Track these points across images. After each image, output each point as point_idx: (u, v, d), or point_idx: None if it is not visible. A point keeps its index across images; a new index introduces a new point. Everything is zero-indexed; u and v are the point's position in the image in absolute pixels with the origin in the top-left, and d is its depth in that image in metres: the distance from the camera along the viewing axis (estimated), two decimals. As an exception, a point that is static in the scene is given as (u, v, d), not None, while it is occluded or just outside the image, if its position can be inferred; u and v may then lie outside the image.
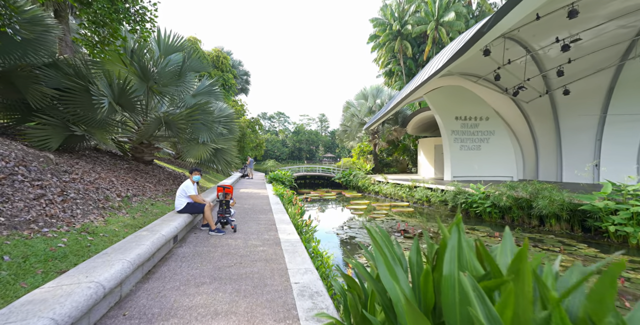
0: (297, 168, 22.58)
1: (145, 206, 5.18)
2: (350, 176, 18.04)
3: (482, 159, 14.41)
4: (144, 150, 8.52)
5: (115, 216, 4.09)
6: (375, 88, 21.68)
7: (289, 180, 16.41)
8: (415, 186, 12.47)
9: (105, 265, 2.20)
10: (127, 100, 6.94)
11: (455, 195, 9.45)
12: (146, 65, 7.20)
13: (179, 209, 4.63)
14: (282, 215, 6.46)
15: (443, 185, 10.72)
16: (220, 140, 9.20)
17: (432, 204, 11.00)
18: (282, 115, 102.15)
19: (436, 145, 17.76)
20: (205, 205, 4.67)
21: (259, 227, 5.29)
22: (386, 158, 23.75)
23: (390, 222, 8.72)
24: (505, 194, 7.67)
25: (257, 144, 31.03)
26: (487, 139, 14.50)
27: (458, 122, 14.49)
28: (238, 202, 8.53)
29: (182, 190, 4.68)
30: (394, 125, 20.78)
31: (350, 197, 15.26)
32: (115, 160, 7.98)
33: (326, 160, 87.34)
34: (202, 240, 4.29)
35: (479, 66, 12.03)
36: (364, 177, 16.88)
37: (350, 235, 7.30)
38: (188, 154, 8.86)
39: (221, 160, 9.25)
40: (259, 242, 4.27)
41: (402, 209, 10.94)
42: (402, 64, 27.56)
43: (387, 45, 26.75)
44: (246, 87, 32.54)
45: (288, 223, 5.60)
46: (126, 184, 5.83)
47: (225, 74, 19.32)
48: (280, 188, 11.45)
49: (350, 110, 21.31)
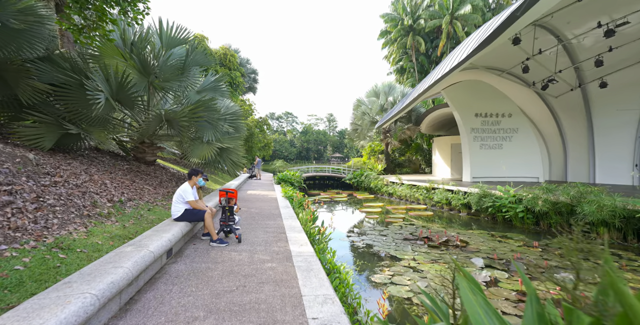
0: (306, 168, 21.98)
1: (140, 212, 4.63)
2: (362, 177, 17.30)
3: (504, 158, 13.45)
4: (146, 150, 8.05)
5: (102, 225, 3.53)
6: (387, 85, 20.87)
7: (298, 181, 15.81)
8: (433, 188, 11.65)
9: (56, 305, 1.60)
10: (126, 96, 6.46)
11: (481, 198, 8.62)
12: (146, 58, 6.69)
13: (176, 216, 4.06)
14: (293, 221, 5.84)
15: (465, 187, 9.88)
16: (226, 139, 8.65)
17: (453, 207, 10.17)
18: (290, 115, 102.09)
19: (453, 144, 16.83)
20: (205, 213, 4.08)
21: (266, 236, 4.67)
22: (398, 158, 22.88)
23: (409, 228, 7.98)
24: (541, 197, 6.82)
25: (265, 144, 30.64)
26: (510, 137, 13.52)
27: (478, 120, 13.57)
28: (244, 205, 7.96)
29: (179, 195, 4.10)
30: (407, 124, 19.93)
31: (363, 199, 14.54)
32: (116, 161, 7.53)
33: (334, 161, 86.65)
34: (202, 253, 3.69)
35: (503, 58, 11.14)
36: (377, 178, 16.13)
37: (367, 242, 6.61)
38: (192, 153, 8.35)
39: (227, 160, 8.70)
40: (267, 256, 3.64)
41: (419, 213, 10.17)
42: (414, 61, 26.62)
43: (398, 42, 25.86)
44: (254, 85, 32.11)
45: (299, 231, 4.97)
46: (122, 186, 5.31)
47: (233, 72, 18.90)
48: (290, 190, 10.85)
49: (361, 109, 20.56)
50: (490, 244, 6.19)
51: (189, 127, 7.44)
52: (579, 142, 12.37)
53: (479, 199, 8.63)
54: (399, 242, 6.49)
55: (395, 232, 7.51)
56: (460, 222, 8.97)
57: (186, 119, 6.87)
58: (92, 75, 5.86)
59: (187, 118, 6.82)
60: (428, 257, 5.40)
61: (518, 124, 13.41)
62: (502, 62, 11.59)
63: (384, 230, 7.73)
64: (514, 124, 13.45)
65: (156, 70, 7.13)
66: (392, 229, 7.79)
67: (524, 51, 9.44)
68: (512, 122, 13.46)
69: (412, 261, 5.23)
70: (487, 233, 7.15)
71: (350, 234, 7.47)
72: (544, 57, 10.35)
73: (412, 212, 10.30)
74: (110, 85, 6.18)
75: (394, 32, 25.39)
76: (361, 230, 7.87)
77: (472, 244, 6.16)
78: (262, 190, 11.73)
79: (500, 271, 4.56)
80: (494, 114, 13.57)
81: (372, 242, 6.61)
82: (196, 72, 8.59)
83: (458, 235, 6.55)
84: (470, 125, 13.47)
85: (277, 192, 11.04)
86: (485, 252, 5.65)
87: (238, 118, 9.05)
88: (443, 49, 24.15)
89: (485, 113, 13.57)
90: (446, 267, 4.76)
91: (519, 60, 10.76)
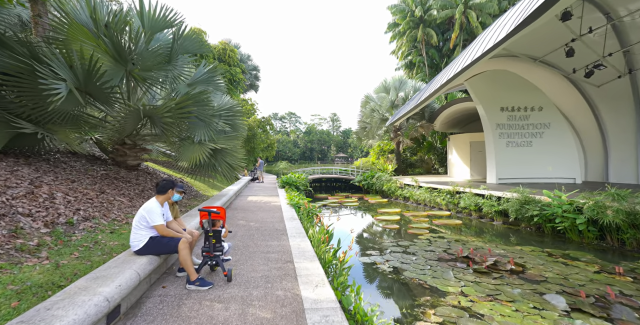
0: (312, 170, 20.72)
1: (97, 237, 3.42)
2: (373, 179, 15.99)
3: (535, 157, 12.03)
4: (127, 153, 6.88)
5: (15, 268, 2.32)
6: (398, 80, 19.51)
7: (304, 185, 14.57)
8: (457, 192, 10.30)
9: None
10: (96, 87, 5.27)
11: (522, 206, 7.27)
12: (120, 41, 5.49)
13: (137, 247, 2.82)
14: (302, 240, 4.59)
15: (498, 191, 8.52)
16: (222, 139, 7.44)
17: (485, 214, 8.82)
18: (293, 115, 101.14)
19: (472, 142, 15.43)
20: (179, 242, 2.85)
21: (268, 267, 3.43)
22: (410, 158, 21.50)
23: (440, 242, 6.67)
24: (611, 206, 5.46)
25: (268, 145, 29.45)
26: (541, 133, 12.09)
27: (504, 114, 12.18)
28: (242, 216, 6.74)
29: (141, 218, 2.86)
30: (419, 121, 18.56)
31: (375, 204, 13.23)
32: (91, 166, 6.36)
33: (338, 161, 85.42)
34: (169, 307, 2.46)
35: (538, 43, 9.76)
36: (389, 180, 14.80)
37: (393, 264, 5.32)
38: (181, 156, 7.16)
39: (222, 163, 7.49)
40: (267, 312, 2.39)
41: (445, 221, 8.84)
42: (424, 55, 25.20)
43: (407, 34, 24.47)
44: (255, 83, 30.84)
45: (312, 258, 3.71)
46: (80, 200, 4.11)
47: (233, 69, 17.74)
48: (295, 195, 9.62)
49: (370, 105, 19.24)
50: (554, 268, 4.85)
51: (174, 125, 6.25)
52: (624, 138, 10.90)
53: (520, 206, 7.28)
54: (434, 264, 5.19)
55: (425, 248, 6.21)
56: (494, 232, 7.63)
57: (170, 115, 5.67)
58: (50, 61, 4.69)
59: (171, 114, 5.61)
60: (480, 290, 4.10)
61: (550, 118, 11.97)
62: (537, 48, 10.21)
63: (409, 245, 6.44)
64: (545, 118, 12.02)
65: (134, 56, 5.94)
66: (420, 244, 6.49)
67: (570, 30, 8.05)
68: (543, 117, 12.03)
69: (461, 296, 3.93)
70: (540, 250, 5.81)
71: (370, 251, 6.19)
72: (589, 39, 8.95)
73: (437, 220, 8.97)
74: (76, 73, 5.00)
75: (403, 24, 23.99)
76: (382, 246, 6.59)
77: (531, 268, 4.83)
78: (265, 196, 10.52)
79: (598, 320, 3.23)
80: (522, 108, 12.15)
81: (399, 263, 5.32)
82: (185, 61, 7.40)
83: (512, 258, 5.21)
84: (496, 121, 12.08)
85: (281, 198, 9.81)
86: (554, 281, 4.32)
87: (235, 114, 7.83)
88: (456, 41, 22.69)
89: (512, 107, 12.16)
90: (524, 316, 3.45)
91: (556, 44, 9.37)
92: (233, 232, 5.22)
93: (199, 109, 6.82)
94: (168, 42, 6.91)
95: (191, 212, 5.54)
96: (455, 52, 23.47)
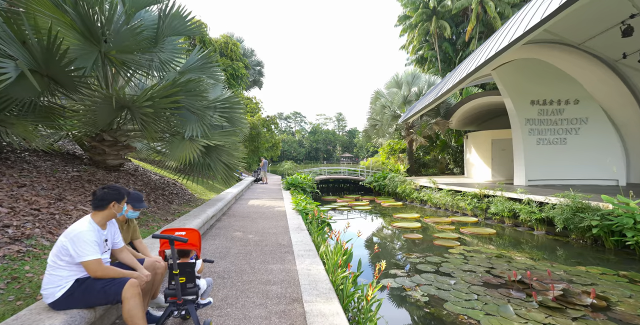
0: (319, 170, 19.62)
1: (22, 268, 2.38)
2: (385, 180, 14.82)
3: (569, 156, 10.72)
4: (106, 151, 5.88)
5: None
6: (411, 74, 18.29)
7: (310, 186, 13.49)
8: (485, 195, 9.09)
9: None
10: (60, 70, 4.27)
11: (575, 214, 6.05)
12: (89, 13, 4.48)
13: (52, 298, 1.75)
14: (312, 262, 3.51)
15: (540, 196, 7.30)
16: (216, 135, 6.41)
17: (522, 222, 7.61)
18: (298, 115, 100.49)
19: (494, 139, 14.14)
20: (126, 284, 1.79)
21: (266, 312, 2.35)
22: (423, 157, 20.24)
23: (477, 258, 5.51)
24: None
25: (273, 144, 28.51)
26: (576, 129, 10.78)
27: (534, 108, 10.90)
28: (241, 225, 5.69)
29: (60, 248, 1.79)
30: (434, 118, 17.31)
31: (389, 208, 12.08)
32: (63, 166, 5.38)
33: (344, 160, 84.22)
34: None
35: (583, 24, 8.49)
36: (403, 181, 13.61)
37: (428, 291, 4.18)
38: (169, 154, 6.16)
39: (217, 163, 6.45)
40: None
41: (474, 230, 7.65)
42: (436, 49, 23.89)
43: (419, 27, 23.19)
44: (259, 79, 29.73)
45: (327, 294, 2.62)
46: (20, 211, 3.09)
47: (235, 63, 16.78)
48: (302, 199, 8.54)
49: (381, 101, 18.05)
50: (647, 300, 3.67)
51: (158, 117, 5.23)
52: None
53: (573, 214, 6.06)
54: (480, 292, 4.05)
55: (461, 266, 5.06)
56: (539, 245, 6.43)
57: (151, 105, 4.64)
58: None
59: (151, 103, 4.58)
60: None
61: (587, 112, 10.64)
62: (581, 30, 8.93)
63: (441, 262, 5.29)
64: (581, 112, 10.69)
65: (110, 35, 4.93)
66: (454, 261, 5.34)
67: (633, 3, 6.78)
68: (580, 111, 10.70)
69: (537, 350, 2.79)
70: (613, 273, 4.60)
71: (394, 270, 5.08)
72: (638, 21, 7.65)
73: (464, 228, 7.79)
74: (31, 51, 4.01)
75: (415, 17, 22.71)
76: (406, 262, 5.47)
77: (619, 303, 3.64)
78: (268, 199, 9.47)
79: None
80: (555, 101, 10.85)
81: (434, 289, 4.19)
82: (174, 44, 6.40)
83: (593, 288, 4.03)
84: (525, 115, 10.81)
85: (286, 201, 8.75)
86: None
87: (233, 106, 6.78)
88: (471, 34, 21.33)
89: (544, 100, 10.87)
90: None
91: (606, 24, 8.10)
92: (226, 249, 4.17)
93: (189, 99, 5.80)
94: (154, 22, 5.92)
95: (173, 225, 4.49)
96: (470, 46, 22.12)
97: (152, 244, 3.32)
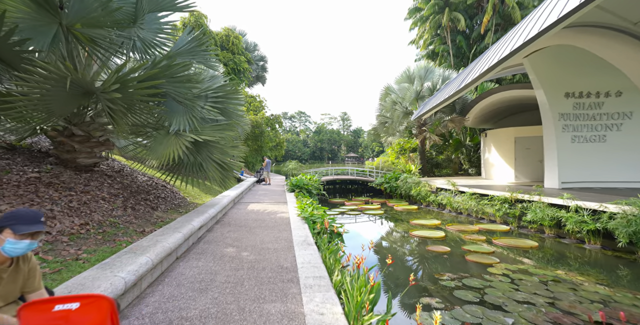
0: (325, 170, 18.58)
1: None
2: (397, 181, 13.71)
3: (610, 155, 9.50)
4: (76, 148, 4.93)
5: None
6: (423, 68, 17.12)
7: (317, 188, 12.46)
8: (518, 200, 7.94)
9: None
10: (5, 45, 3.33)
11: (647, 226, 4.89)
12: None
13: None
14: (325, 300, 2.46)
15: (594, 203, 6.13)
16: (207, 129, 5.42)
17: (568, 233, 6.46)
18: (302, 114, 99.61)
19: (517, 137, 12.93)
20: None
21: None
22: (436, 157, 19.05)
23: (529, 282, 4.40)
24: None
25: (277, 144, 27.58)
26: (618, 125, 9.54)
27: (569, 102, 9.70)
28: (236, 236, 4.63)
29: None
30: (449, 114, 16.14)
31: (403, 212, 10.99)
32: (22, 166, 4.46)
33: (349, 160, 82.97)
34: None
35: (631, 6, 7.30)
36: (418, 183, 12.49)
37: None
38: (150, 151, 5.18)
39: (208, 162, 5.46)
40: None
41: (509, 241, 6.53)
42: (448, 43, 22.65)
43: (431, 20, 21.98)
44: (263, 75, 28.69)
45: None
46: None
47: (237, 57, 15.83)
48: (308, 204, 7.51)
49: (391, 97, 16.93)
50: None
51: (130, 106, 4.25)
52: None
53: (644, 226, 4.91)
54: (554, 339, 2.95)
55: (513, 295, 3.96)
56: (594, 262, 5.30)
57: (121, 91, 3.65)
58: None
59: (119, 85, 3.59)
60: None
61: (632, 105, 9.39)
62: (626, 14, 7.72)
63: (484, 288, 4.20)
64: (625, 106, 9.45)
65: (74, 4, 3.96)
66: (500, 286, 4.24)
67: None
68: (623, 104, 9.47)
69: None
70: None
71: (426, 298, 4.00)
72: None
73: (497, 239, 6.67)
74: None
75: (427, 9, 21.50)
76: (439, 287, 4.39)
77: None
78: (270, 202, 8.46)
79: None
80: (594, 93, 9.63)
81: (488, 332, 3.10)
82: (157, 21, 5.44)
83: None
84: (559, 110, 9.62)
85: (290, 206, 7.73)
86: None
87: (228, 96, 5.78)
88: (487, 26, 20.05)
89: (580, 92, 9.66)
90: None
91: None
92: (210, 275, 3.16)
93: (174, 86, 4.82)
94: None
95: (137, 246, 3.48)
96: (485, 39, 20.83)
97: (93, 282, 2.32)
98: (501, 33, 21.19)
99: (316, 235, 5.21)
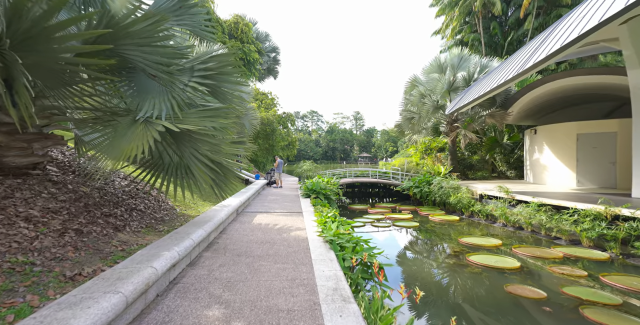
0: (342, 172, 16.76)
1: None
2: (429, 186, 11.73)
3: None
4: (2, 142, 3.40)
5: None
6: (457, 56, 15.02)
7: (336, 193, 10.70)
8: (619, 216, 5.86)
9: None
10: None
11: None
12: None
13: None
14: None
15: None
16: (192, 115, 3.75)
17: None
18: (315, 113, 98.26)
19: (580, 134, 10.68)
20: None
21: None
22: (469, 157, 16.87)
23: None
24: None
25: (289, 143, 25.99)
26: None
27: (669, 86, 7.46)
28: (230, 277, 2.69)
29: None
30: (487, 108, 13.99)
31: (442, 223, 9.04)
32: None
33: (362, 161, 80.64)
34: None
35: None
36: (457, 188, 10.48)
37: None
38: (104, 147, 3.57)
39: (193, 162, 3.79)
40: None
41: (623, 279, 4.51)
42: (480, 30, 20.33)
43: (461, 5, 19.74)
44: (274, 67, 27.00)
45: None
46: None
47: (246, 46, 14.31)
48: (330, 217, 5.76)
49: (419, 89, 14.91)
50: None
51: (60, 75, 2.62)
52: None
53: None
54: None
55: None
56: None
57: (39, 45, 2.01)
58: None
59: (31, 34, 1.95)
60: None
61: None
62: None
63: None
64: None
65: None
66: None
67: None
68: None
69: None
70: None
71: None
72: None
73: (606, 276, 4.66)
74: None
75: (456, -8, 19.32)
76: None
77: None
78: (282, 213, 6.73)
79: None
80: None
81: None
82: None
83: None
84: (656, 97, 7.41)
85: (306, 218, 5.97)
86: None
87: (221, 68, 4.07)
88: (528, 9, 17.63)
89: (685, 73, 7.40)
90: None
91: None
92: None
93: (142, 51, 3.18)
94: None
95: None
96: (525, 24, 18.43)
97: None
98: (543, 17, 18.69)
99: (349, 275, 3.44)
